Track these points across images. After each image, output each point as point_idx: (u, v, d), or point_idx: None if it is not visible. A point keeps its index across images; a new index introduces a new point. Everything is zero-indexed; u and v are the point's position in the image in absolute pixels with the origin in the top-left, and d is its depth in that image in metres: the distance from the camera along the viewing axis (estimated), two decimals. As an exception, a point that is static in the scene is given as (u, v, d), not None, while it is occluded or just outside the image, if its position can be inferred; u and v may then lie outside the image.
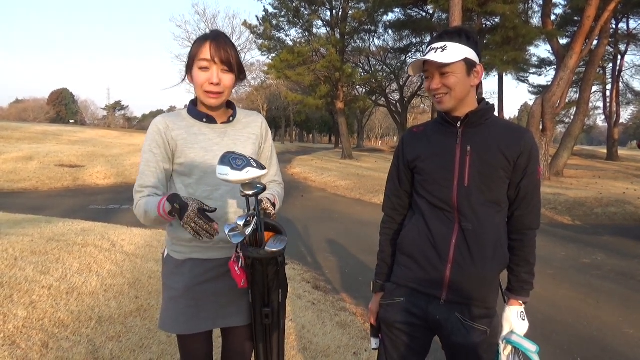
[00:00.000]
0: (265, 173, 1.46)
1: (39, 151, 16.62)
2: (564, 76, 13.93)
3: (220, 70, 1.58)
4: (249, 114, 1.81)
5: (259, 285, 1.58)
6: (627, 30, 26.84)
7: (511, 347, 1.60)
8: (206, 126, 1.67)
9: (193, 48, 1.61)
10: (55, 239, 4.66)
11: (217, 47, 1.56)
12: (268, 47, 25.01)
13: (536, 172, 1.59)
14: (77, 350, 2.64)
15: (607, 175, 17.42)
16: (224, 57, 1.57)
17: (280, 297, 1.64)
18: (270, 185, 1.82)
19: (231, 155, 1.40)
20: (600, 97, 32.18)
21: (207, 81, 1.58)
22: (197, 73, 1.59)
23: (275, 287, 1.61)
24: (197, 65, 1.58)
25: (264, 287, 1.58)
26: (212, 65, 1.57)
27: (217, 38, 1.59)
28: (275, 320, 1.65)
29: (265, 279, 1.56)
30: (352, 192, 12.83)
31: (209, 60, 1.57)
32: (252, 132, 1.75)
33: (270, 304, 1.62)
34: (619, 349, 3.46)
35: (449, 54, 1.49)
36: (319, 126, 66.29)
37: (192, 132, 1.64)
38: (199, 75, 1.58)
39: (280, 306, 1.65)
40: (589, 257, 6.19)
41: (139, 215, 1.59)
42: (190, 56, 1.61)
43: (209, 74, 1.58)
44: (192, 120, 1.67)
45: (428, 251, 1.59)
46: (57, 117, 71.66)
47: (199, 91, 1.61)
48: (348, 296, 4.46)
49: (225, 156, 1.40)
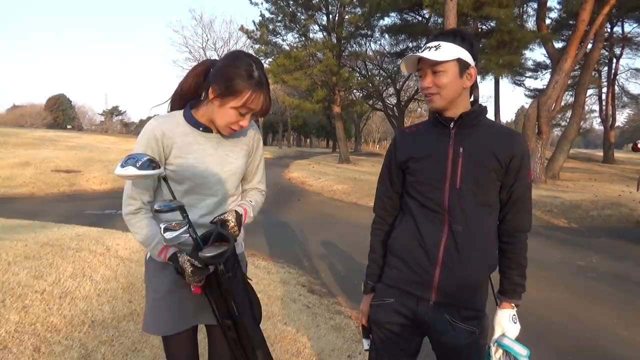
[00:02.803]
0: (151, 174, 1.45)
1: (35, 157, 16.57)
2: (559, 79, 14.00)
3: (251, 116, 1.59)
4: None
5: (215, 295, 1.59)
6: (622, 34, 27.00)
7: (502, 351, 1.60)
8: (202, 135, 1.63)
9: (240, 84, 1.49)
10: (49, 243, 4.64)
11: (264, 103, 1.56)
12: (265, 51, 25.08)
13: (527, 175, 1.60)
14: (69, 354, 2.63)
15: (603, 178, 17.47)
16: (261, 112, 1.59)
17: (248, 311, 1.64)
18: (251, 192, 1.83)
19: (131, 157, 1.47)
20: (596, 100, 32.36)
21: (237, 123, 1.57)
22: (230, 110, 1.53)
23: (240, 301, 1.61)
24: (235, 104, 1.51)
25: (219, 297, 1.59)
26: (249, 113, 1.56)
27: (268, 92, 1.58)
28: (245, 336, 1.64)
29: (216, 287, 1.57)
30: (349, 196, 12.83)
31: (250, 110, 1.55)
32: (245, 143, 1.74)
33: (234, 316, 1.60)
34: (613, 350, 3.46)
35: (442, 53, 1.50)
36: (316, 130, 66.34)
37: (187, 141, 1.61)
38: (231, 114, 1.54)
39: (250, 322, 1.65)
40: (584, 260, 6.19)
41: (132, 231, 1.64)
42: (234, 88, 1.50)
43: (243, 120, 1.56)
44: (189, 127, 1.62)
45: (417, 253, 1.60)
46: (54, 123, 71.53)
47: (221, 122, 1.57)
48: (343, 299, 4.46)
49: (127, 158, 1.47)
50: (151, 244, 1.59)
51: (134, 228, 1.62)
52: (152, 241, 1.59)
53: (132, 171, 1.42)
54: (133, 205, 1.61)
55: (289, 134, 66.55)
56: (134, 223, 1.61)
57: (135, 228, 1.61)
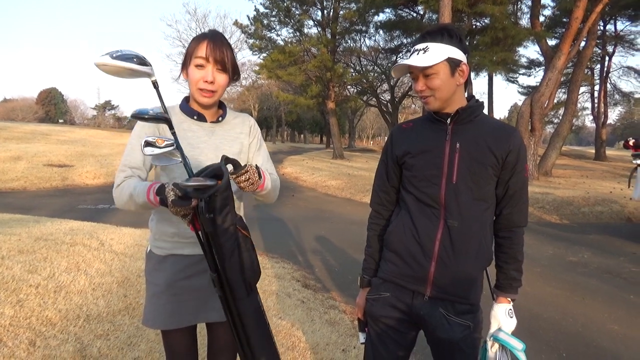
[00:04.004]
0: (137, 69, 1.37)
1: (27, 151, 16.44)
2: (552, 77, 14.06)
3: (215, 69, 1.61)
4: (238, 115, 1.82)
5: (203, 235, 1.41)
6: (614, 32, 27.13)
7: (498, 345, 1.62)
8: (196, 124, 1.69)
9: (190, 46, 1.64)
10: (43, 238, 4.62)
11: (214, 47, 1.59)
12: (259, 46, 24.97)
13: (524, 170, 1.61)
14: (65, 348, 2.63)
15: (594, 175, 17.61)
16: (219, 57, 1.60)
17: (235, 270, 1.43)
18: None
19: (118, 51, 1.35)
20: (588, 98, 32.51)
21: (202, 79, 1.60)
22: (192, 71, 1.62)
23: (226, 255, 1.40)
24: (193, 63, 1.61)
25: (206, 240, 1.41)
26: (208, 64, 1.60)
27: (214, 38, 1.62)
28: (230, 297, 1.45)
29: (201, 228, 1.38)
30: (343, 191, 12.86)
31: (204, 59, 1.60)
32: (239, 130, 1.77)
33: (220, 273, 1.42)
34: (603, 344, 3.51)
35: (430, 56, 1.50)
36: (310, 126, 66.27)
37: (181, 127, 1.66)
38: (195, 72, 1.61)
39: (236, 282, 1.44)
40: (575, 255, 6.26)
41: (119, 197, 1.55)
42: (187, 53, 1.64)
43: (204, 72, 1.60)
44: (183, 116, 1.69)
45: (413, 247, 1.61)
46: (46, 117, 70.91)
47: (193, 88, 1.64)
48: (337, 294, 4.48)
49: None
50: (137, 188, 1.49)
51: (123, 191, 1.53)
52: (140, 188, 1.48)
53: (104, 60, 1.30)
54: (124, 172, 1.59)
55: (283, 130, 66.45)
56: (122, 186, 1.55)
57: (124, 190, 1.54)
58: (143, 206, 1.50)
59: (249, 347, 1.50)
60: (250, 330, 1.48)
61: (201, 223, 1.36)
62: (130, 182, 1.55)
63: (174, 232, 1.65)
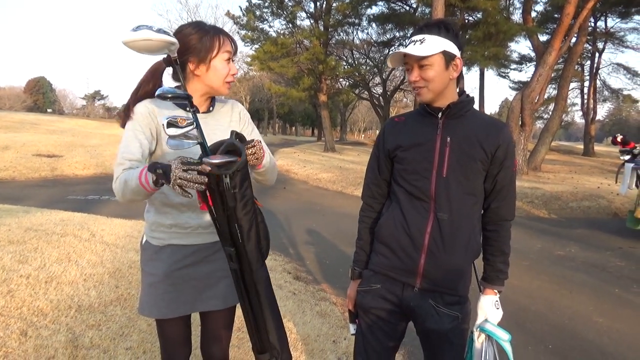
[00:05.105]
0: (168, 40, 1.34)
1: (15, 140, 16.26)
2: (543, 72, 14.14)
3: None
4: (225, 103, 1.81)
5: (220, 215, 1.42)
6: (605, 29, 27.30)
7: (485, 335, 1.66)
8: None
9: (208, 40, 1.60)
10: (33, 228, 4.60)
11: (232, 41, 1.66)
12: (251, 38, 24.79)
13: (512, 165, 1.64)
14: (57, 338, 2.64)
15: (583, 171, 17.79)
16: (235, 49, 1.67)
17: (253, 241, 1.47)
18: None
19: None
20: (578, 94, 32.70)
21: (230, 72, 1.65)
22: (221, 64, 1.62)
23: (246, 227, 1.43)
24: (221, 57, 1.62)
25: (224, 218, 1.41)
26: (234, 57, 1.67)
27: (226, 32, 1.67)
28: (247, 269, 1.48)
29: (220, 205, 1.38)
30: (334, 184, 12.89)
31: (232, 53, 1.65)
32: (230, 120, 1.77)
33: (236, 243, 1.44)
34: (589, 337, 3.59)
35: (427, 47, 1.52)
36: (302, 119, 66.11)
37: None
38: (224, 66, 1.63)
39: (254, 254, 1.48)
40: (563, 249, 6.36)
41: (118, 189, 1.48)
42: (208, 47, 1.60)
43: (232, 65, 1.65)
44: (176, 108, 1.66)
45: (403, 240, 1.63)
46: (34, 106, 69.94)
47: (218, 81, 1.64)
48: (328, 286, 4.52)
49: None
50: (130, 173, 1.44)
51: (120, 182, 1.46)
52: (134, 172, 1.42)
53: (148, 34, 1.28)
54: (122, 165, 1.50)
55: (274, 122, 66.22)
56: (120, 178, 1.47)
57: (121, 181, 1.46)
58: (135, 191, 1.42)
59: (261, 313, 1.55)
60: (263, 298, 1.54)
61: (222, 199, 1.37)
62: (128, 172, 1.50)
63: (171, 224, 1.65)
